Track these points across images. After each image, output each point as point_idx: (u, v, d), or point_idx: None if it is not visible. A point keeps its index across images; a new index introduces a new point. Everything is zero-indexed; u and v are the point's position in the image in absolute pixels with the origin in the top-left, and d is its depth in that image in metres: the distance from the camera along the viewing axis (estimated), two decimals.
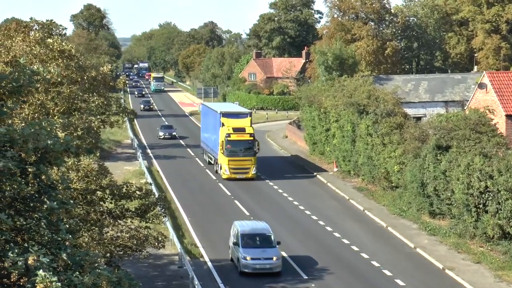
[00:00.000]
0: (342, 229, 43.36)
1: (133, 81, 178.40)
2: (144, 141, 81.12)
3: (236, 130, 57.35)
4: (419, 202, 44.80)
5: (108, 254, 27.49)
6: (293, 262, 36.78)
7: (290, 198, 51.54)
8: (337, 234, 42.15)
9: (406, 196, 47.08)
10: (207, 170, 62.09)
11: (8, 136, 14.46)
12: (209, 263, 36.96)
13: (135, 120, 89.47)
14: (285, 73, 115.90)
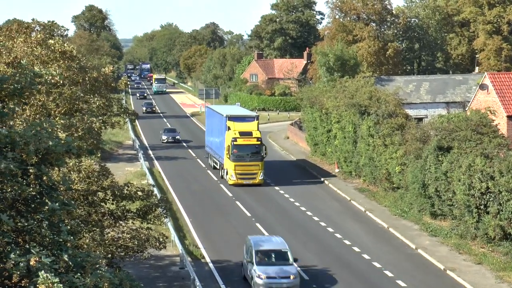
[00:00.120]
0: (343, 230, 43.37)
1: (135, 82, 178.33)
2: (145, 142, 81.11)
3: (242, 134, 55.53)
4: (421, 203, 44.80)
5: (109, 255, 27.45)
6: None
7: (292, 199, 51.56)
8: (338, 235, 42.15)
9: (407, 197, 47.09)
10: (209, 171, 62.06)
11: (9, 137, 14.48)
12: (210, 264, 36.95)
13: (137, 121, 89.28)
14: (286, 74, 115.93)
